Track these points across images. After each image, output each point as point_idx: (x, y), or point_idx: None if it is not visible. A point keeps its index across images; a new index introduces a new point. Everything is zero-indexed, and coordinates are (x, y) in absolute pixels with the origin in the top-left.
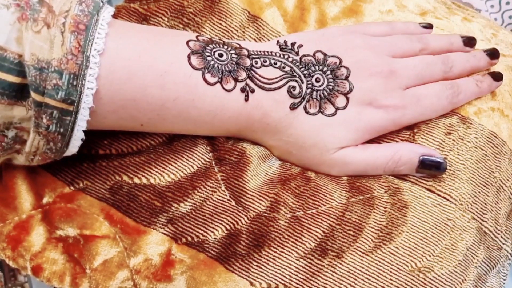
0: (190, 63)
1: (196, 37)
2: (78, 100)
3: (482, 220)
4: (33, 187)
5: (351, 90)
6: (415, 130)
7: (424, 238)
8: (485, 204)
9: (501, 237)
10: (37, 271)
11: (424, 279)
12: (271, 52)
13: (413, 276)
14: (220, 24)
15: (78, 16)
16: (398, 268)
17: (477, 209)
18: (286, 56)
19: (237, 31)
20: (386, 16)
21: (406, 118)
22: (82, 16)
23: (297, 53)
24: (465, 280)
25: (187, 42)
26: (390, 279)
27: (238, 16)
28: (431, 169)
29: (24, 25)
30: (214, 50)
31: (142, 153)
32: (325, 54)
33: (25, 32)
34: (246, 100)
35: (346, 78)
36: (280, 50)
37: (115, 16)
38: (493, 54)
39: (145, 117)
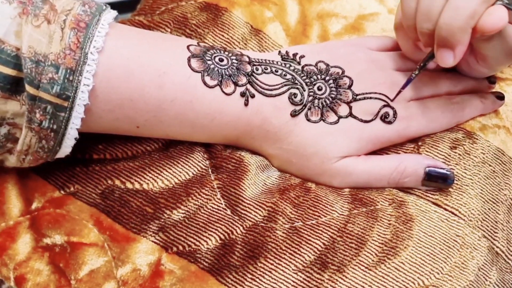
0: (189, 65)
1: (197, 43)
2: (74, 96)
3: (494, 239)
4: (23, 193)
5: (354, 99)
6: (420, 143)
7: (431, 254)
8: (496, 222)
9: None
10: (20, 282)
11: None
12: (272, 61)
13: None
14: (223, 35)
15: (80, 15)
16: (404, 285)
17: (488, 227)
18: (287, 65)
19: (239, 43)
20: (390, 34)
21: (410, 130)
22: (84, 15)
23: (299, 63)
24: None
25: (188, 47)
26: None
27: (241, 28)
28: (437, 181)
29: (24, 19)
30: (215, 55)
31: (137, 158)
32: (327, 65)
33: (24, 25)
34: (246, 104)
35: (349, 87)
36: (282, 60)
37: None
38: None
39: (142, 118)
